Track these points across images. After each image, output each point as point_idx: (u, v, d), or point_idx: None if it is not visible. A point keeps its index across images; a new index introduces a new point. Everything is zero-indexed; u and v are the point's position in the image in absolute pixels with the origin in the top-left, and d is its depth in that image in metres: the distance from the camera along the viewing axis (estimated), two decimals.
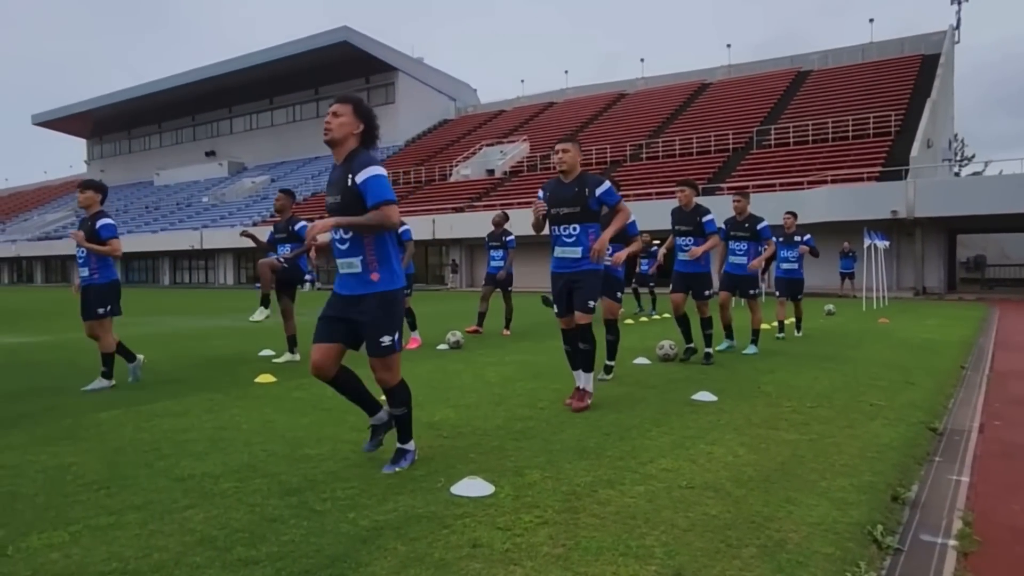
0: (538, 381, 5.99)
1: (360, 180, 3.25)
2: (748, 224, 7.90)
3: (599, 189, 4.80)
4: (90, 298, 5.89)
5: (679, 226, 7.23)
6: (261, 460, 3.61)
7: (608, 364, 6.17)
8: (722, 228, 7.48)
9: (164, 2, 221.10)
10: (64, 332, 6.18)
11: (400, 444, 3.52)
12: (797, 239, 9.84)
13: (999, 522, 2.89)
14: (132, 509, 2.89)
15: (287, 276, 7.37)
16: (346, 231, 3.32)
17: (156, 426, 4.43)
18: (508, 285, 10.38)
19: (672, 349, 7.30)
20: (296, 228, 7.39)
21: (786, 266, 9.91)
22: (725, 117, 37.00)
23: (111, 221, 5.92)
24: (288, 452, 3.76)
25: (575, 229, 4.81)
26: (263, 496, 3.03)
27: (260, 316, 6.96)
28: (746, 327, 8.29)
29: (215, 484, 3.20)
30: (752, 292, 8.05)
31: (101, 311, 5.88)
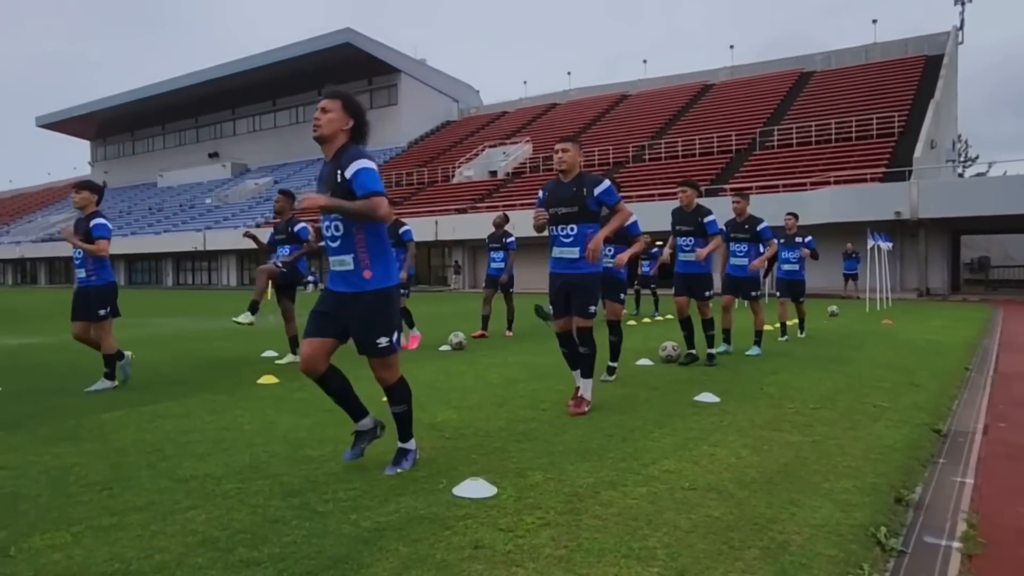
0: (540, 382, 5.99)
1: (350, 174, 3.22)
2: (748, 225, 7.90)
3: (598, 189, 4.74)
4: (90, 300, 5.89)
5: (680, 226, 7.22)
6: (263, 461, 3.61)
7: (611, 365, 6.16)
8: (723, 230, 7.48)
9: (167, 4, 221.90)
10: (67, 333, 6.19)
11: (401, 443, 3.50)
12: (798, 240, 9.82)
13: (1003, 524, 2.88)
14: (134, 510, 2.89)
15: (287, 279, 7.39)
16: (337, 228, 3.30)
17: (159, 427, 4.44)
18: (509, 287, 10.41)
19: (675, 350, 7.28)
20: (296, 230, 7.41)
21: (787, 267, 9.89)
22: (728, 118, 36.98)
23: (105, 222, 5.90)
24: (290, 453, 3.77)
25: (572, 229, 4.75)
26: (265, 497, 3.03)
27: (244, 320, 7.01)
28: (748, 329, 8.28)
29: (217, 485, 3.21)
30: (754, 294, 8.05)
31: (102, 312, 5.90)
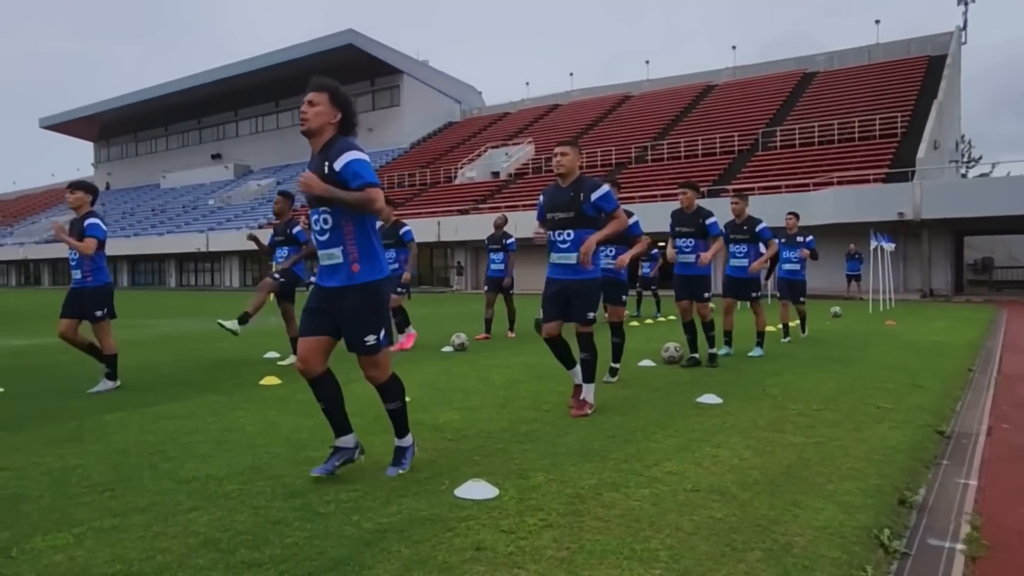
0: (543, 383, 5.98)
1: (340, 166, 3.14)
2: (747, 226, 7.87)
3: (595, 194, 4.67)
4: (86, 301, 5.87)
5: (680, 228, 7.20)
6: (265, 462, 3.61)
7: (613, 367, 6.15)
8: (722, 232, 7.47)
9: (169, 6, 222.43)
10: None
11: (398, 440, 3.46)
12: (799, 240, 9.80)
13: (1007, 526, 2.86)
14: (136, 511, 2.89)
15: (285, 286, 7.44)
16: (326, 221, 3.22)
17: (161, 428, 4.44)
18: (510, 288, 10.43)
19: (677, 351, 7.27)
20: (294, 232, 7.44)
21: (788, 267, 9.87)
22: (730, 119, 36.95)
23: (99, 222, 5.87)
24: (292, 454, 3.76)
25: (570, 235, 4.70)
26: (267, 498, 3.03)
27: (230, 326, 7.11)
28: (749, 330, 8.25)
29: (219, 486, 3.20)
30: (754, 295, 8.01)
31: (99, 313, 5.88)
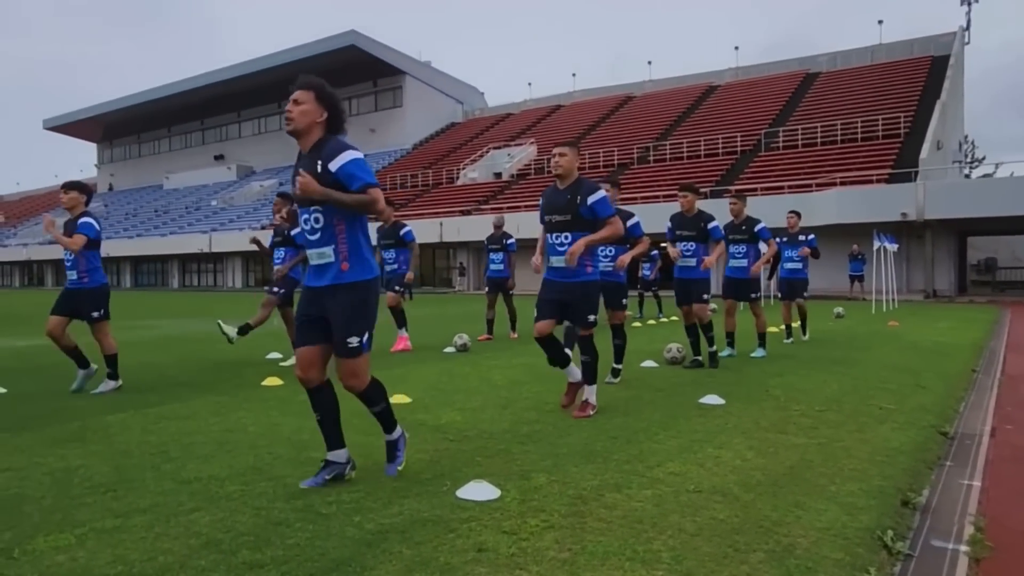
0: (545, 384, 5.97)
1: (337, 167, 3.08)
2: (745, 227, 7.84)
3: (591, 198, 4.62)
4: (82, 302, 5.84)
5: (681, 231, 7.17)
6: (267, 463, 3.60)
7: (615, 367, 6.15)
8: (723, 235, 7.45)
9: (172, 7, 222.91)
10: (77, 335, 6.19)
11: (388, 436, 3.39)
12: (801, 239, 9.77)
13: (1011, 527, 2.85)
14: (138, 512, 2.89)
15: (285, 295, 7.49)
16: (317, 220, 3.15)
17: (163, 429, 4.44)
18: (510, 288, 10.40)
19: (680, 352, 7.26)
20: (293, 233, 7.46)
21: (790, 265, 9.84)
22: (733, 119, 36.92)
23: (92, 221, 5.84)
24: (294, 455, 3.76)
25: (567, 238, 4.66)
26: (269, 499, 3.02)
27: (229, 331, 7.16)
28: (751, 331, 8.20)
29: (221, 487, 3.20)
30: (753, 296, 7.95)
31: (96, 314, 5.86)
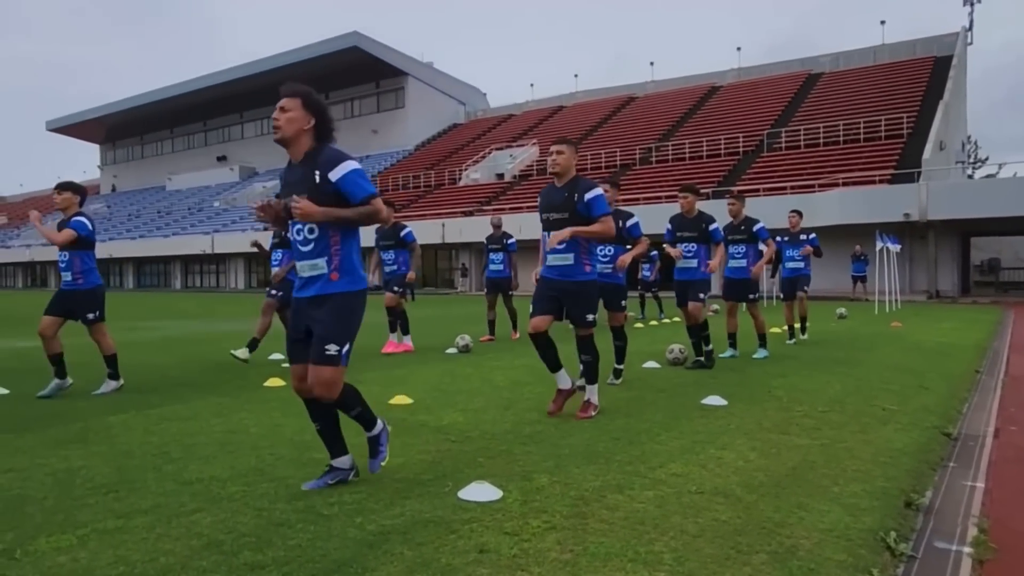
0: (547, 385, 5.95)
1: (338, 177, 3.03)
2: (744, 227, 7.82)
3: (588, 194, 4.61)
4: (78, 304, 5.82)
5: (681, 232, 7.16)
6: (269, 464, 3.60)
7: (617, 368, 6.14)
8: (723, 236, 7.43)
9: (175, 9, 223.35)
10: (75, 336, 6.21)
11: (368, 432, 3.32)
12: (803, 238, 9.74)
13: (1015, 529, 2.84)
14: (140, 513, 2.89)
15: (285, 299, 7.50)
16: (311, 231, 3.08)
17: (165, 430, 4.45)
18: (509, 288, 10.36)
19: (682, 353, 7.25)
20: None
21: (792, 265, 9.81)
22: (735, 120, 36.91)
23: (85, 221, 5.81)
24: (295, 456, 3.76)
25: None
26: (270, 500, 3.02)
27: (241, 355, 7.27)
28: (752, 332, 8.15)
29: (223, 488, 3.20)
30: (752, 296, 7.91)
31: (91, 316, 5.85)
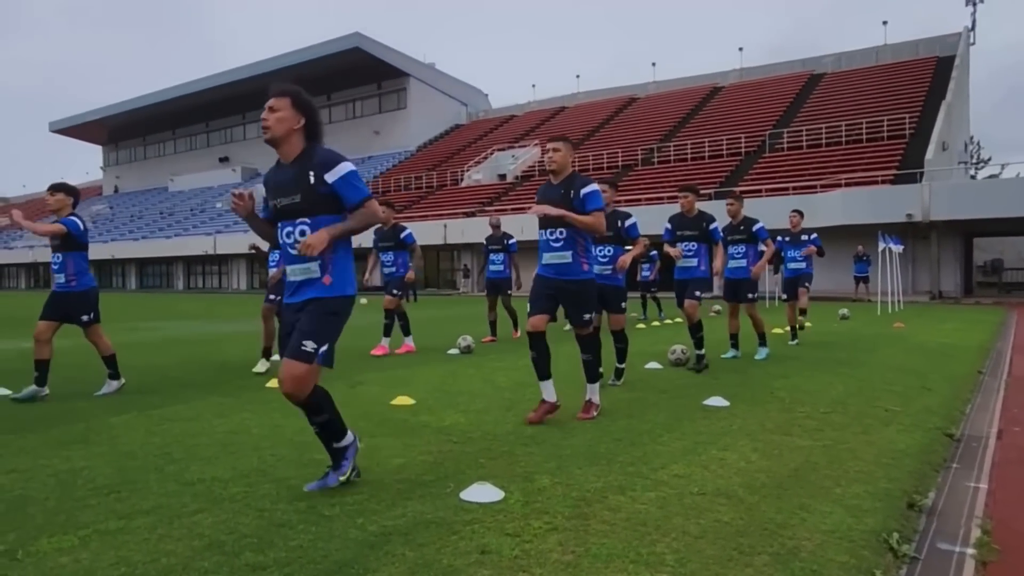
0: None
1: (335, 179, 3.02)
2: (743, 227, 7.81)
3: (584, 189, 4.58)
4: (72, 306, 5.77)
5: (682, 231, 7.16)
6: (270, 465, 3.60)
7: (618, 367, 6.14)
8: (722, 236, 7.42)
9: (177, 10, 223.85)
10: (78, 336, 6.21)
11: (335, 443, 3.17)
12: (804, 238, 9.71)
13: (1018, 530, 2.83)
14: (141, 513, 2.89)
15: (279, 299, 7.52)
16: (303, 234, 3.04)
17: (167, 430, 4.45)
18: (508, 288, 10.34)
19: (684, 353, 7.24)
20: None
21: (794, 265, 9.78)
22: (737, 120, 36.88)
23: (77, 221, 5.77)
24: (297, 457, 3.76)
25: (562, 233, 4.62)
26: (272, 501, 3.02)
27: (261, 368, 7.26)
28: (751, 333, 8.12)
29: (224, 489, 3.20)
30: (750, 296, 7.90)
31: (85, 318, 5.80)
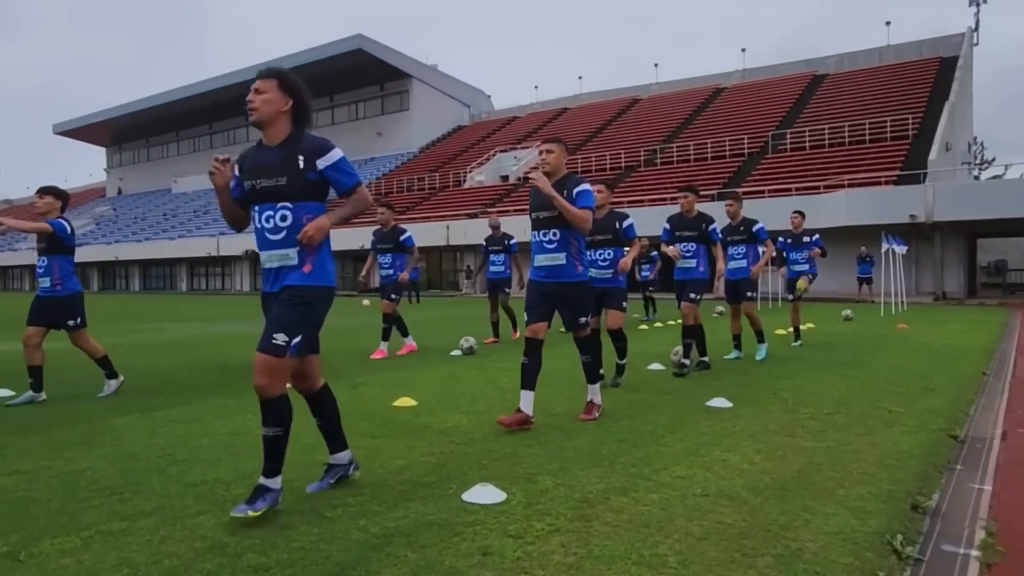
0: (551, 387, 5.95)
1: (326, 165, 2.98)
2: (743, 228, 7.80)
3: (576, 189, 4.53)
4: (58, 311, 5.75)
5: (681, 232, 7.15)
6: None
7: (619, 364, 6.15)
8: (721, 237, 7.41)
9: (180, 12, 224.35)
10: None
11: (263, 479, 2.88)
12: (806, 239, 9.68)
13: (1023, 532, 2.82)
14: (144, 515, 2.89)
15: None
16: (283, 218, 2.97)
17: (170, 432, 4.46)
18: (507, 287, 10.33)
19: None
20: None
21: (797, 268, 9.73)
22: (740, 121, 36.84)
23: (64, 223, 5.74)
24: (299, 458, 3.75)
25: (555, 234, 4.57)
26: None
27: None
28: (751, 333, 8.10)
29: (227, 490, 3.21)
30: (749, 295, 7.86)
31: (72, 323, 5.79)
